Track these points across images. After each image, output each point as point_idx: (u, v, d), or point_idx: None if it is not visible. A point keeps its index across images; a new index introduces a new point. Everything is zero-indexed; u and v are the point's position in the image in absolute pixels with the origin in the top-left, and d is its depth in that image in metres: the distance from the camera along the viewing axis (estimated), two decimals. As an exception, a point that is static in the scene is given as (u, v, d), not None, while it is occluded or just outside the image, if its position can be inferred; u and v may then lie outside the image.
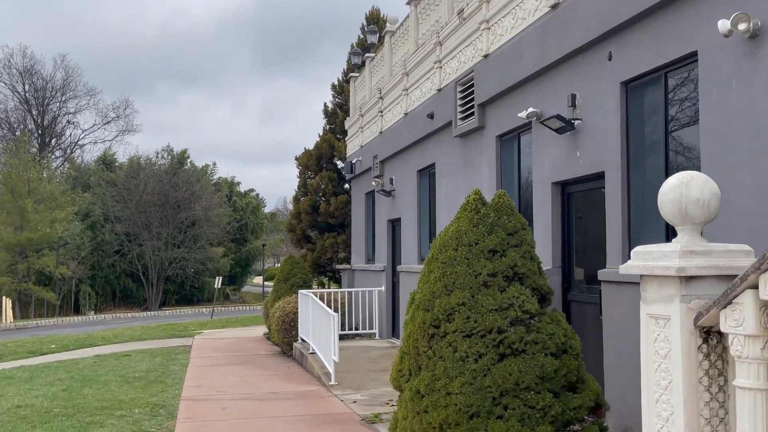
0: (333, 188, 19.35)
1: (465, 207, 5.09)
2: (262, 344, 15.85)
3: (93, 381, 10.66)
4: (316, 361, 11.10)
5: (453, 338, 4.64)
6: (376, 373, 10.36)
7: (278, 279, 16.12)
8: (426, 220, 11.74)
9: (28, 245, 38.79)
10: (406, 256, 12.53)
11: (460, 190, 9.96)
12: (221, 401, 8.67)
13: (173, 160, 48.62)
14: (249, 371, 11.47)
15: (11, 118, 57.26)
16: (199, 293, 48.11)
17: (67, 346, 16.32)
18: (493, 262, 4.82)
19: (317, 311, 11.07)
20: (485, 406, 4.46)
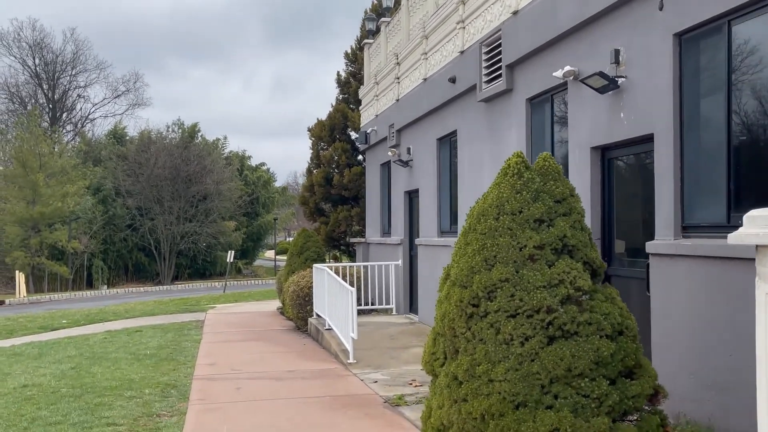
0: (347, 160, 18.77)
1: (506, 171, 4.53)
2: (275, 319, 15.47)
3: (103, 358, 10.29)
4: (332, 337, 10.67)
5: (495, 318, 4.13)
6: (395, 350, 9.91)
7: (291, 253, 15.69)
8: (446, 191, 11.19)
9: (40, 220, 38.62)
10: (425, 229, 12.01)
11: (484, 159, 9.40)
12: (235, 381, 8.25)
13: (184, 133, 48.15)
14: (264, 348, 11.07)
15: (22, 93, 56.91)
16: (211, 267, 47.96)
17: (78, 322, 16.01)
18: (540, 233, 4.28)
19: (333, 286, 10.60)
20: (533, 395, 3.96)
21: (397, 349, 10.00)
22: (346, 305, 9.53)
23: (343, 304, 9.71)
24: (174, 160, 44.63)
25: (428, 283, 11.61)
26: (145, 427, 6.10)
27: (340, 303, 9.99)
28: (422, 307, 12.02)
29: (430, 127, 11.75)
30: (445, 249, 10.77)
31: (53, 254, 40.23)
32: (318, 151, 19.75)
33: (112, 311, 18.27)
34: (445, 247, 10.77)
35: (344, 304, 9.64)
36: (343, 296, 9.68)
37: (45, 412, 6.79)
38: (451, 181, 10.95)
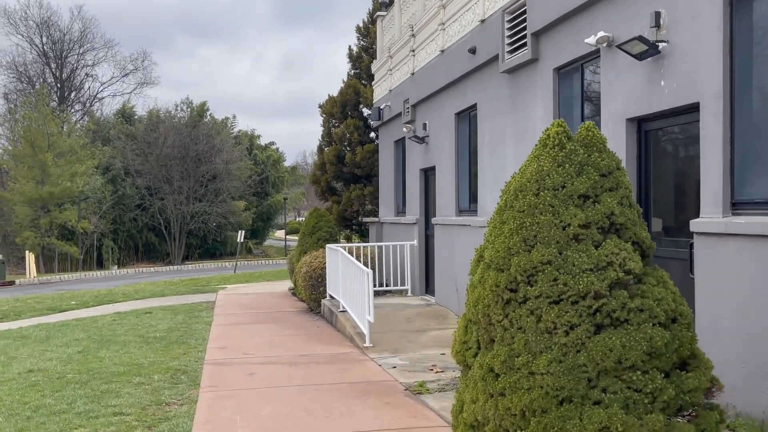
0: (359, 137, 18.29)
1: (545, 143, 4.10)
2: (287, 300, 15.16)
3: (111, 341, 10.00)
4: (347, 320, 10.33)
5: (536, 305, 3.73)
6: (412, 333, 9.55)
7: (303, 233, 15.32)
8: (465, 168, 10.74)
9: (49, 199, 38.46)
10: (442, 208, 11.59)
11: (507, 134, 8.94)
12: (248, 366, 7.92)
13: (192, 112, 47.75)
14: (276, 330, 10.74)
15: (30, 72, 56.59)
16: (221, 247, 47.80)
17: (87, 303, 15.76)
18: (585, 211, 3.86)
19: (348, 267, 10.23)
20: (579, 390, 3.57)
21: (414, 332, 9.65)
22: (361, 287, 9.16)
23: (359, 286, 9.34)
24: (183, 140, 44.32)
25: (445, 264, 11.22)
26: (154, 417, 5.78)
27: (355, 285, 9.63)
28: (439, 289, 11.65)
29: (447, 102, 11.28)
30: (463, 229, 10.36)
31: (63, 234, 40.13)
32: (329, 129, 19.27)
33: (121, 292, 18.03)
34: (463, 226, 10.36)
35: (360, 286, 9.27)
36: (359, 278, 9.31)
37: (50, 399, 6.48)
38: (470, 158, 10.50)
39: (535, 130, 8.13)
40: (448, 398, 6.10)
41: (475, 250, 4.29)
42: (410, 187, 13.64)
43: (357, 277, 9.50)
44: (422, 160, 12.74)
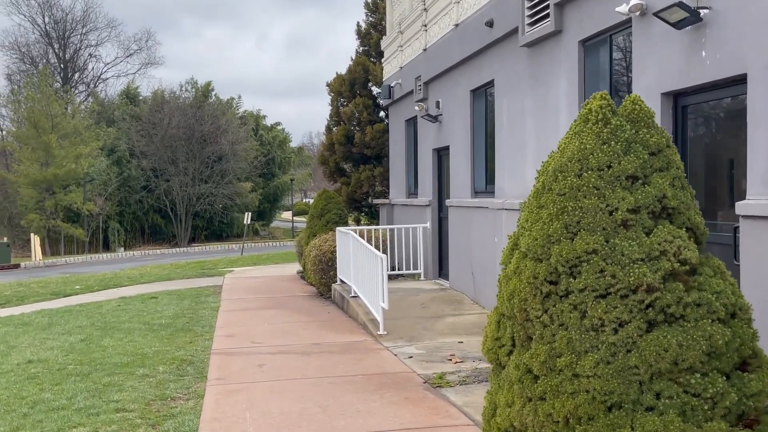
0: (368, 116, 17.80)
1: (586, 117, 3.67)
2: (296, 284, 14.83)
3: (115, 329, 9.68)
4: (359, 306, 9.97)
5: (580, 299, 3.33)
6: (427, 320, 9.19)
7: (312, 215, 14.95)
8: (481, 148, 10.30)
9: (54, 181, 38.19)
10: (457, 189, 11.17)
11: (527, 111, 8.49)
12: (257, 356, 7.57)
13: (197, 93, 47.25)
14: (286, 317, 10.40)
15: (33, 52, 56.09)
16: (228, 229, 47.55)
17: (91, 287, 15.48)
18: (634, 193, 3.45)
19: (360, 251, 9.86)
20: (630, 394, 3.19)
21: (429, 318, 9.28)
22: (374, 273, 8.79)
23: (372, 271, 8.97)
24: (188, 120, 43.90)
25: (460, 248, 10.83)
26: (158, 414, 5.44)
27: (368, 269, 9.26)
28: (453, 273, 11.27)
29: (462, 78, 10.81)
30: (480, 211, 9.95)
31: (69, 217, 39.91)
32: (337, 108, 18.78)
33: (126, 276, 17.73)
34: (479, 208, 9.95)
35: (372, 272, 8.90)
36: (372, 263, 8.93)
37: (48, 394, 6.15)
38: (487, 137, 10.06)
39: (558, 107, 7.68)
40: (470, 392, 5.74)
41: (508, 237, 3.89)
42: (422, 167, 13.21)
43: (369, 261, 9.12)
44: (435, 139, 12.30)
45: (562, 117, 7.58)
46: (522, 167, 8.57)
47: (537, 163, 8.17)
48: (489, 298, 9.55)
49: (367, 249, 9.28)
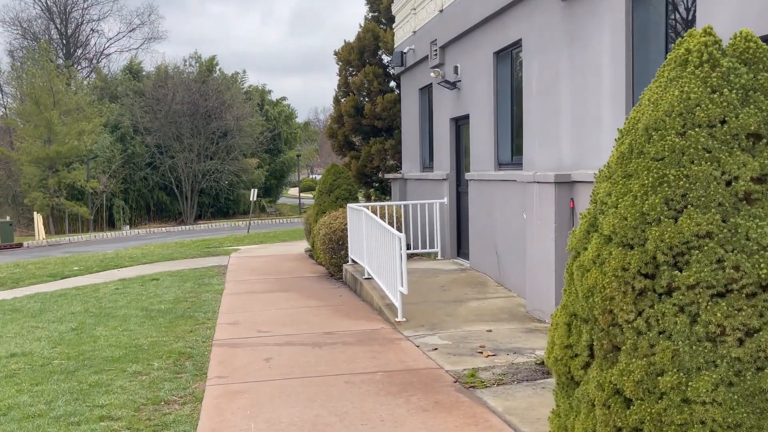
0: (379, 86, 16.83)
1: (684, 60, 2.79)
2: (304, 264, 14.05)
3: (110, 316, 8.93)
4: (373, 288, 9.18)
5: (689, 298, 2.50)
6: (449, 305, 8.39)
7: (320, 191, 14.12)
8: (506, 116, 9.41)
9: (56, 159, 37.44)
10: (478, 162, 10.30)
11: (561, 74, 7.58)
12: (263, 348, 6.80)
13: (201, 67, 46.21)
14: (294, 300, 9.63)
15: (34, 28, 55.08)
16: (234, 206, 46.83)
17: (90, 268, 14.75)
18: (759, 157, 2.59)
19: (374, 229, 9.04)
20: (764, 428, 2.37)
21: (451, 302, 8.48)
22: (391, 253, 7.97)
23: (387, 252, 8.16)
24: (192, 96, 42.96)
25: (483, 225, 9.99)
26: (149, 423, 4.67)
27: (383, 250, 8.45)
28: (474, 252, 10.44)
29: (484, 40, 9.87)
30: (505, 185, 9.09)
31: (73, 194, 39.23)
32: (346, 78, 17.82)
33: (128, 256, 17.00)
34: (504, 182, 9.09)
35: (389, 252, 8.09)
36: (388, 242, 8.11)
37: (26, 396, 5.39)
38: (513, 103, 9.16)
39: (600, 67, 6.78)
40: (511, 395, 4.94)
41: (581, 216, 3.04)
42: (439, 139, 12.33)
43: (385, 241, 8.31)
44: (453, 108, 11.40)
45: (606, 78, 6.69)
46: (556, 136, 7.69)
47: (574, 130, 7.29)
48: (516, 280, 8.74)
49: (383, 227, 8.45)
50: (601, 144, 6.78)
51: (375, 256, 9.10)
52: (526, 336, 6.85)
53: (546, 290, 7.45)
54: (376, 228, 8.87)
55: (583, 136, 7.12)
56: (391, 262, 8.00)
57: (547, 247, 7.40)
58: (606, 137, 6.69)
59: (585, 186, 7.01)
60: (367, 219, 9.50)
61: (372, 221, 9.18)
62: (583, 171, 7.05)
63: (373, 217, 9.17)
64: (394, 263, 7.82)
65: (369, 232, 9.41)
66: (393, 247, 7.84)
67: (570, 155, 7.39)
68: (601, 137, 6.77)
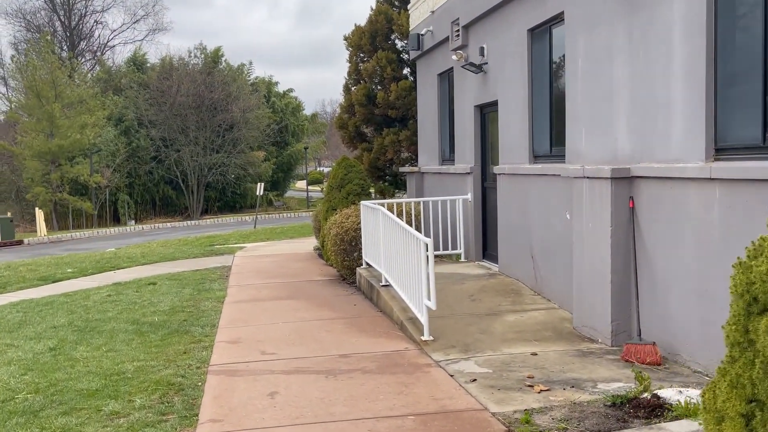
0: (392, 72, 15.68)
1: None
2: (314, 265, 13.01)
3: (96, 331, 7.90)
4: (393, 298, 8.11)
5: None
6: (482, 318, 7.30)
7: (330, 186, 13.03)
8: (543, 101, 8.28)
9: (59, 153, 36.49)
10: (508, 153, 9.18)
11: (616, 49, 6.45)
12: (268, 376, 5.74)
13: (207, 59, 45.15)
14: (304, 310, 8.58)
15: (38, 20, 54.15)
16: (241, 200, 45.86)
17: (85, 270, 13.74)
18: None
19: (393, 231, 7.95)
20: None
21: (484, 316, 7.39)
22: (413, 260, 6.89)
23: (410, 258, 7.07)
24: (197, 88, 41.95)
25: (515, 225, 8.88)
26: (117, 497, 3.60)
27: (404, 255, 7.36)
28: (504, 255, 9.34)
29: (516, 16, 8.74)
30: (541, 180, 7.98)
31: (76, 189, 38.32)
32: (357, 65, 16.66)
33: (127, 256, 15.99)
34: (542, 176, 7.98)
35: (411, 258, 7.00)
36: (411, 247, 7.02)
37: (-28, 450, 4.36)
38: (552, 87, 8.03)
39: (670, 40, 5.65)
40: (584, 456, 3.85)
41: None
42: (461, 128, 11.20)
43: (407, 245, 7.22)
44: (478, 94, 10.27)
45: (677, 52, 5.55)
46: (609, 123, 6.56)
47: (634, 116, 6.16)
48: (557, 289, 7.63)
49: (405, 230, 7.36)
50: (670, 132, 5.66)
51: (394, 261, 8.02)
52: (581, 362, 5.76)
53: (599, 304, 6.35)
54: (396, 230, 7.78)
55: (645, 123, 5.99)
56: (414, 269, 6.93)
57: (600, 253, 6.29)
58: (677, 124, 5.57)
59: (648, 182, 5.90)
60: (385, 219, 8.41)
61: (391, 222, 8.09)
62: (646, 164, 5.94)
63: (392, 217, 8.07)
64: (418, 271, 6.75)
65: (387, 233, 8.33)
66: (417, 253, 6.75)
67: (627, 145, 6.27)
68: (671, 124, 5.65)
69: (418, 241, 6.72)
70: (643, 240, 6.00)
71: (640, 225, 6.03)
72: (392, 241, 8.04)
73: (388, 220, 8.23)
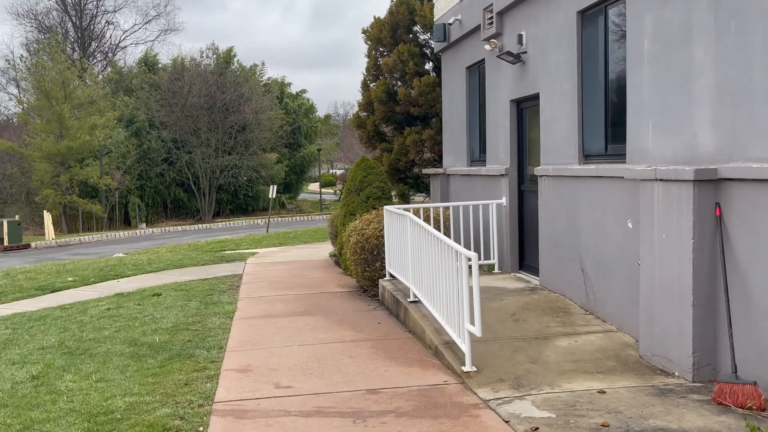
0: (415, 66, 14.67)
1: None
2: (331, 274, 12.05)
3: (88, 354, 6.96)
4: (424, 317, 7.13)
5: None
6: (530, 344, 6.29)
7: (348, 189, 12.07)
8: (596, 92, 7.25)
9: (68, 154, 35.82)
10: (552, 152, 8.16)
11: (697, 27, 5.42)
12: (284, 420, 4.76)
13: (219, 59, 44.38)
14: (323, 330, 7.61)
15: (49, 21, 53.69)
16: (253, 202, 45.03)
17: (86, 279, 12.85)
18: None
19: (424, 241, 6.96)
20: None
21: (532, 340, 6.38)
22: (449, 274, 5.89)
23: (446, 272, 6.08)
24: (209, 88, 41.20)
25: (561, 233, 7.86)
26: None
27: (438, 268, 6.37)
28: (547, 267, 8.31)
29: (562, -3, 7.72)
30: (594, 182, 6.96)
31: (86, 192, 37.66)
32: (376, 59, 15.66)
33: (132, 263, 15.09)
34: (596, 179, 6.96)
35: (448, 274, 6.01)
36: (446, 261, 6.03)
37: None
38: (608, 76, 7.00)
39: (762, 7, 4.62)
40: None
41: None
42: (493, 126, 10.19)
43: (441, 257, 6.23)
44: (515, 87, 9.26)
45: (782, 25, 4.53)
46: (686, 115, 5.54)
47: (721, 107, 5.13)
48: (616, 309, 6.61)
49: (440, 240, 6.36)
50: (774, 124, 4.63)
51: (425, 274, 7.03)
52: (661, 403, 4.73)
53: (675, 330, 5.32)
54: (428, 240, 6.79)
55: (738, 114, 4.96)
56: (450, 285, 5.94)
57: (677, 270, 5.27)
58: (784, 114, 4.54)
59: (741, 186, 4.87)
60: (414, 227, 7.42)
61: (421, 230, 7.10)
62: (739, 164, 4.91)
63: (423, 225, 7.07)
64: (456, 289, 5.75)
65: (416, 243, 7.34)
66: (455, 268, 5.76)
67: (711, 142, 5.24)
68: (775, 114, 4.62)
69: (459, 255, 5.72)
70: (734, 255, 4.97)
71: (730, 237, 5.00)
72: (423, 251, 7.05)
73: (418, 228, 7.24)
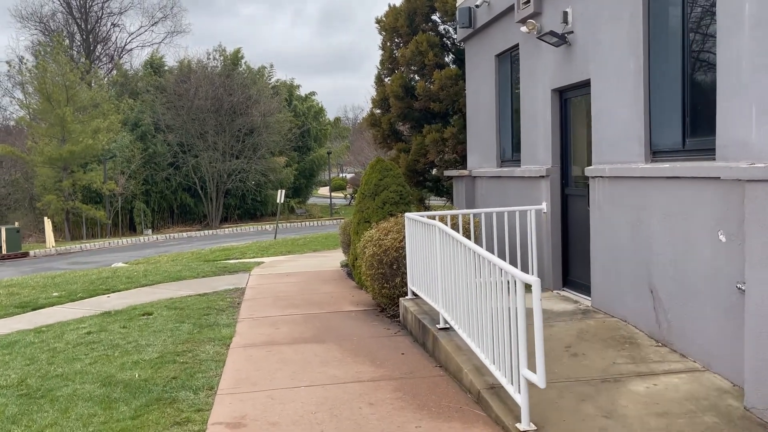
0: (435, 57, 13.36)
1: None
2: (343, 287, 10.79)
3: (48, 397, 5.70)
4: (458, 350, 5.84)
5: None
6: (597, 389, 4.95)
7: (362, 193, 10.78)
8: (670, 74, 5.93)
9: (70, 159, 34.78)
10: (608, 149, 6.84)
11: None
12: None
13: (226, 61, 43.28)
14: (335, 363, 6.32)
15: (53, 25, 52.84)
16: (262, 207, 43.86)
17: (73, 294, 11.63)
18: None
19: (460, 258, 5.66)
20: None
21: (598, 383, 5.05)
22: (499, 304, 4.59)
23: (489, 298, 4.78)
24: (216, 91, 40.11)
25: (622, 247, 6.52)
26: None
27: (478, 292, 5.07)
28: (601, 285, 6.98)
29: (622, -39, 6.41)
30: (667, 184, 5.63)
31: (89, 197, 36.59)
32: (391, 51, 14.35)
33: (126, 275, 13.86)
34: (670, 180, 5.63)
35: (491, 299, 4.70)
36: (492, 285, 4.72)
37: None
38: (686, 52, 5.68)
39: None
40: None
41: None
42: (529, 120, 8.87)
43: (486, 281, 4.92)
44: (558, 73, 7.94)
45: None
46: (813, 95, 4.20)
47: None
48: (702, 340, 5.27)
49: (482, 258, 5.05)
50: None
51: (461, 297, 5.73)
52: (809, 491, 3.40)
53: (805, 381, 3.99)
54: (465, 256, 5.49)
55: None
56: (495, 314, 4.64)
57: (810, 301, 3.93)
58: None
59: None
60: (446, 240, 6.11)
61: (456, 245, 5.80)
62: None
63: (458, 238, 5.76)
64: (506, 321, 4.45)
65: (448, 259, 6.04)
66: (506, 292, 4.46)
67: None
68: None
69: (513, 279, 4.42)
70: None
71: None
72: (458, 270, 5.76)
73: (451, 242, 5.94)
